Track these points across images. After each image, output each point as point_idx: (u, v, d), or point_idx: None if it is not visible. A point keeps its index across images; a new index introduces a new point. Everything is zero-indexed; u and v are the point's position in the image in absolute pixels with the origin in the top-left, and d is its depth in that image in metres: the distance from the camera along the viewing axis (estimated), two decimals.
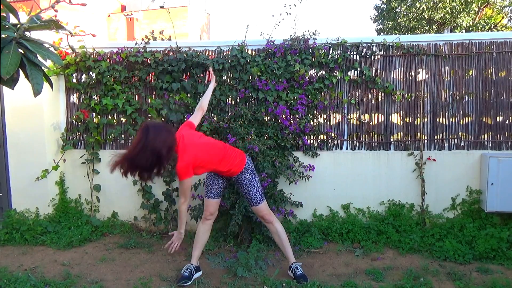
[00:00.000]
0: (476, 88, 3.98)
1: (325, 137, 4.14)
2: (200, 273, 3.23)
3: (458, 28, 13.72)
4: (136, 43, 4.24)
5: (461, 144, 4.03)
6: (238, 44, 4.08)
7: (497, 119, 3.97)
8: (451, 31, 13.63)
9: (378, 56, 4.05)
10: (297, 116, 4.03)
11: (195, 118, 3.23)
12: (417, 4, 13.84)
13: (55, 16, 2.08)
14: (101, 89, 4.27)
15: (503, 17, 15.26)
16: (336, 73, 4.03)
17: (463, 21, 13.56)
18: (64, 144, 4.33)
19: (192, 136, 2.92)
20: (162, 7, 21.97)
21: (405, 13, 14.43)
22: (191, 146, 2.81)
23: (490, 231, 3.56)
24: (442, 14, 13.68)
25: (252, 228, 3.79)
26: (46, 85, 1.92)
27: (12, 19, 1.86)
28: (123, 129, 4.31)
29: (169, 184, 4.21)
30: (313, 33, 4.05)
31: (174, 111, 4.09)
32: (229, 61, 4.03)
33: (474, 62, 3.96)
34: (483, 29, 13.94)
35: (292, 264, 3.18)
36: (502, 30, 14.16)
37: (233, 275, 3.22)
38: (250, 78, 4.07)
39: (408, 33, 14.53)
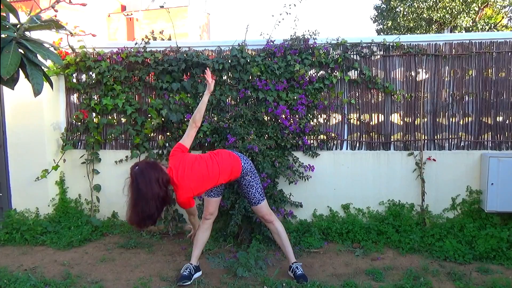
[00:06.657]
0: (476, 88, 3.98)
1: (325, 137, 4.14)
2: (200, 273, 3.23)
3: (458, 28, 13.72)
4: (136, 43, 4.24)
5: (461, 144, 4.03)
6: (238, 44, 4.09)
7: (497, 119, 3.97)
8: (451, 31, 13.63)
9: (378, 56, 4.05)
10: (297, 116, 4.03)
11: (188, 137, 2.99)
12: (417, 4, 13.84)
13: (55, 16, 2.08)
14: (101, 89, 4.27)
15: (503, 17, 15.26)
16: (336, 73, 4.03)
17: (463, 21, 13.56)
18: (64, 144, 4.33)
19: (183, 169, 2.82)
20: (162, 7, 21.95)
21: (405, 13, 14.42)
22: (183, 181, 2.79)
23: (490, 231, 3.56)
24: (442, 14, 13.68)
25: (252, 228, 3.79)
26: (46, 85, 1.92)
27: (12, 19, 1.86)
28: (123, 129, 4.31)
29: None
30: (313, 33, 4.06)
31: (174, 111, 4.09)
32: (229, 61, 4.04)
33: (474, 62, 3.96)
34: (483, 29, 13.94)
35: (292, 264, 3.18)
36: (502, 30, 14.16)
37: (233, 275, 3.22)
38: (250, 78, 4.07)
39: (408, 33, 14.53)
